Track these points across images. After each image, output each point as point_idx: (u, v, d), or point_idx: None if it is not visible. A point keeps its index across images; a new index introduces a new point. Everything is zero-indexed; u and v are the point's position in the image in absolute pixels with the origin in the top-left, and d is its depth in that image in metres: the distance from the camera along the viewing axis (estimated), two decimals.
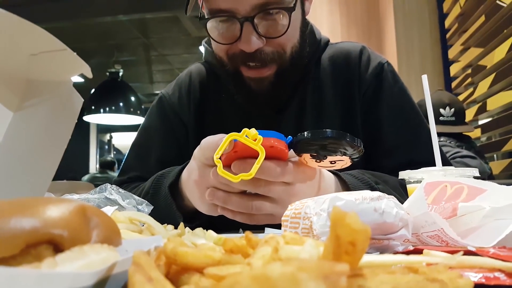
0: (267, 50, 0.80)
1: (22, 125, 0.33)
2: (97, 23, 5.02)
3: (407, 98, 0.92)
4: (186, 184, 0.73)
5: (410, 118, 0.89)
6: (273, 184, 0.59)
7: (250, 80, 0.84)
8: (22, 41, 0.31)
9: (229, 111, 0.96)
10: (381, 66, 0.93)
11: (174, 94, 1.03)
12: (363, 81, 0.92)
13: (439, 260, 0.27)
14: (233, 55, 0.83)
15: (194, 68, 1.06)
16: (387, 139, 0.89)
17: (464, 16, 2.59)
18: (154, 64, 6.60)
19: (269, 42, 0.80)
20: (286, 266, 0.16)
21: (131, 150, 1.05)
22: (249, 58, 0.81)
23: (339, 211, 0.19)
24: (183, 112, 1.00)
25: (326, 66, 0.96)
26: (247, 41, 0.77)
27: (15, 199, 0.23)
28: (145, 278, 0.21)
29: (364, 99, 0.91)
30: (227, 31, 0.81)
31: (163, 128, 1.01)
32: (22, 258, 0.21)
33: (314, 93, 0.94)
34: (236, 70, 0.85)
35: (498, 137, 2.43)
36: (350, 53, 0.95)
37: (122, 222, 0.41)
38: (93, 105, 5.63)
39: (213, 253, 0.25)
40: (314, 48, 0.95)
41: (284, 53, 0.83)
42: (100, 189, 0.68)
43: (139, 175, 0.98)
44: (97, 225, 0.25)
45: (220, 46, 0.84)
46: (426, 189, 0.47)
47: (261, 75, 0.83)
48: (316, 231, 0.39)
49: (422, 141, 0.83)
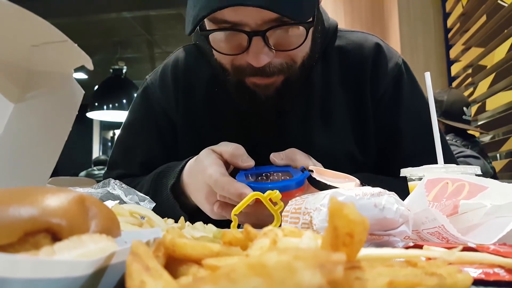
0: (276, 62, 0.71)
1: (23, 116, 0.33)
2: (101, 20, 5.02)
3: (424, 102, 0.83)
4: (190, 190, 0.73)
5: (427, 124, 0.76)
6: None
7: (255, 86, 0.75)
8: (23, 31, 0.31)
9: (224, 107, 0.86)
10: (399, 68, 0.84)
11: (160, 85, 0.91)
12: (378, 84, 0.83)
13: (438, 255, 0.27)
14: (238, 67, 0.73)
15: (181, 54, 0.92)
16: (406, 148, 0.83)
17: (466, 16, 2.58)
18: (158, 61, 6.59)
19: (279, 53, 0.71)
20: (283, 254, 0.15)
21: (115, 145, 0.98)
22: (257, 72, 0.71)
23: (337, 202, 0.19)
24: (170, 107, 0.89)
25: (334, 61, 0.85)
26: (256, 57, 0.68)
27: (14, 188, 0.23)
28: (142, 268, 0.21)
29: (380, 105, 0.83)
30: (232, 41, 0.71)
31: (147, 125, 0.92)
32: (20, 246, 0.21)
33: (321, 93, 0.84)
34: (240, 81, 0.75)
35: (497, 137, 2.43)
36: (363, 48, 0.85)
37: (122, 215, 0.41)
38: (97, 102, 5.63)
39: (212, 245, 0.25)
40: (322, 40, 0.83)
41: (294, 63, 0.74)
42: (103, 183, 0.68)
43: (125, 173, 0.92)
44: (95, 215, 0.25)
45: (224, 56, 0.74)
46: (427, 186, 0.47)
47: (267, 82, 0.74)
48: (316, 226, 0.39)
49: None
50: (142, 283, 0.20)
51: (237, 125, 0.85)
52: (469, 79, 2.54)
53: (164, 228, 0.37)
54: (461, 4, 2.59)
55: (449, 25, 2.79)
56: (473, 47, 2.50)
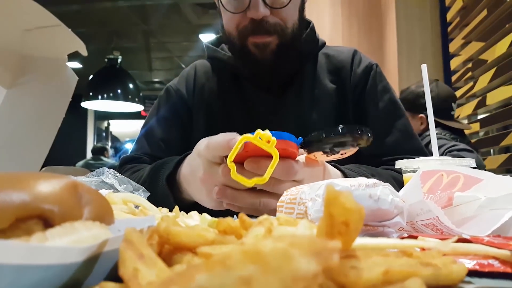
0: (271, 21, 0.91)
1: (15, 102, 0.33)
2: (97, 9, 4.97)
3: (390, 94, 1.04)
4: (187, 180, 0.73)
5: (390, 111, 1.01)
6: (283, 182, 0.61)
7: (255, 47, 0.92)
8: (16, 15, 0.30)
9: (233, 97, 1.04)
10: (371, 66, 1.05)
11: (180, 82, 1.11)
12: (355, 76, 1.03)
13: (433, 245, 0.27)
14: (242, 28, 0.93)
15: (199, 62, 1.15)
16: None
17: (466, 10, 2.58)
18: (154, 51, 6.55)
19: (273, 14, 0.90)
20: (278, 242, 0.15)
21: (141, 130, 1.13)
22: (255, 28, 0.90)
23: (333, 190, 0.19)
24: (187, 95, 1.08)
25: (322, 61, 1.07)
26: (256, 8, 0.88)
27: (5, 173, 0.23)
28: (136, 255, 0.21)
29: (355, 92, 1.02)
30: (237, 2, 0.92)
31: (167, 110, 1.08)
32: (11, 232, 0.21)
33: (311, 83, 1.03)
34: (243, 45, 0.94)
35: (497, 131, 2.43)
36: (344, 53, 1.08)
37: (116, 204, 0.41)
38: (91, 92, 5.60)
39: (206, 233, 0.25)
40: (314, 45, 1.06)
41: (285, 27, 0.92)
42: (97, 172, 0.67)
43: (148, 153, 1.04)
44: (89, 202, 0.24)
45: (231, 20, 0.94)
46: (422, 177, 0.47)
47: (265, 40, 0.92)
48: (311, 216, 0.39)
49: (398, 130, 0.98)
50: (135, 271, 0.20)
51: (243, 110, 1.02)
52: (469, 73, 2.54)
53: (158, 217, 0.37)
54: None
55: (448, 19, 2.78)
56: (473, 41, 2.50)
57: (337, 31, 3.05)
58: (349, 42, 3.02)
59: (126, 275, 0.19)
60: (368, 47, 3.01)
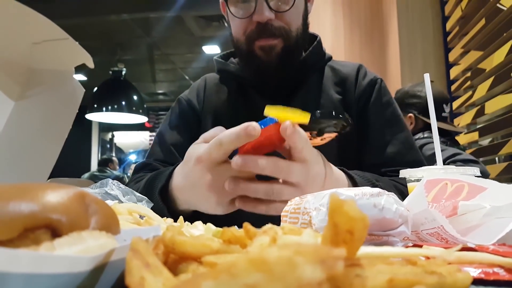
0: (275, 24, 0.95)
1: (23, 114, 0.33)
2: (101, 22, 5.02)
3: (393, 108, 1.08)
4: (184, 191, 0.73)
5: (391, 123, 1.05)
6: (293, 165, 0.62)
7: (261, 50, 0.97)
8: (25, 29, 0.31)
9: (240, 107, 1.09)
10: (376, 80, 1.09)
11: (191, 93, 1.17)
12: (360, 88, 1.07)
13: (438, 254, 0.27)
14: (249, 33, 0.97)
15: (209, 75, 1.21)
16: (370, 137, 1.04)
17: (465, 19, 2.59)
18: (157, 63, 6.60)
19: (278, 18, 0.95)
20: (283, 250, 0.15)
21: (155, 137, 1.18)
22: (261, 31, 0.95)
23: (336, 199, 0.19)
24: (198, 105, 1.13)
25: (328, 74, 1.11)
26: (261, 11, 0.93)
27: (14, 184, 0.23)
28: (142, 264, 0.21)
29: (359, 104, 1.06)
30: (244, 8, 0.97)
31: (179, 117, 1.14)
32: (20, 241, 0.21)
33: (316, 93, 1.07)
34: (250, 50, 0.99)
35: (496, 140, 2.42)
36: (349, 66, 1.13)
37: (121, 214, 0.41)
38: (96, 103, 5.63)
39: (211, 243, 0.25)
40: (320, 57, 1.11)
41: (289, 30, 0.97)
42: (101, 183, 0.67)
43: (160, 159, 1.08)
44: (95, 212, 0.25)
45: (239, 27, 1.00)
46: (427, 186, 0.47)
47: (271, 43, 0.96)
48: (315, 226, 0.39)
49: (399, 141, 1.01)
50: (142, 280, 0.20)
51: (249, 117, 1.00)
52: (468, 82, 2.54)
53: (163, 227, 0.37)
54: (460, 8, 2.60)
55: (448, 28, 2.79)
56: (472, 51, 2.50)
57: (338, 41, 3.06)
58: (351, 51, 3.03)
59: (132, 284, 0.20)
60: (370, 56, 3.01)
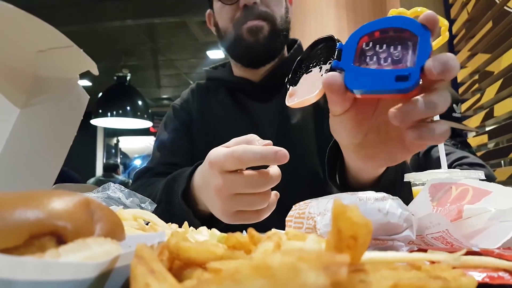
0: (262, 8, 1.01)
1: (28, 121, 0.34)
2: (105, 28, 5.06)
3: None
4: (201, 190, 0.70)
5: None
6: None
7: (249, 32, 1.01)
8: (30, 37, 0.31)
9: (229, 108, 1.12)
10: None
11: (181, 99, 1.21)
12: None
13: (442, 258, 0.27)
14: (237, 18, 1.02)
15: (197, 82, 1.26)
16: None
17: (471, 22, 2.58)
18: (162, 68, 6.63)
19: (263, 3, 1.01)
20: (287, 256, 0.16)
21: (154, 144, 1.19)
22: (249, 13, 1.00)
23: (340, 205, 0.19)
24: (188, 107, 1.17)
25: None
26: None
27: (20, 191, 0.23)
28: (147, 270, 0.21)
29: None
30: None
31: (174, 121, 1.16)
32: (25, 249, 0.21)
33: None
34: (238, 34, 1.02)
35: (505, 143, 2.40)
36: None
37: (126, 220, 0.41)
38: (101, 109, 5.67)
39: (216, 249, 0.25)
40: None
41: (274, 17, 1.03)
42: (103, 188, 0.67)
43: (161, 162, 1.09)
44: (100, 219, 0.25)
45: (226, 15, 1.04)
46: (431, 190, 0.47)
47: (258, 24, 1.01)
48: (320, 231, 0.39)
49: None
50: (147, 286, 0.20)
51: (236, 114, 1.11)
52: (475, 85, 2.53)
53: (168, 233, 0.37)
54: (466, 11, 2.59)
55: (454, 31, 2.79)
56: (479, 53, 2.49)
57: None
58: None
59: None
60: None
